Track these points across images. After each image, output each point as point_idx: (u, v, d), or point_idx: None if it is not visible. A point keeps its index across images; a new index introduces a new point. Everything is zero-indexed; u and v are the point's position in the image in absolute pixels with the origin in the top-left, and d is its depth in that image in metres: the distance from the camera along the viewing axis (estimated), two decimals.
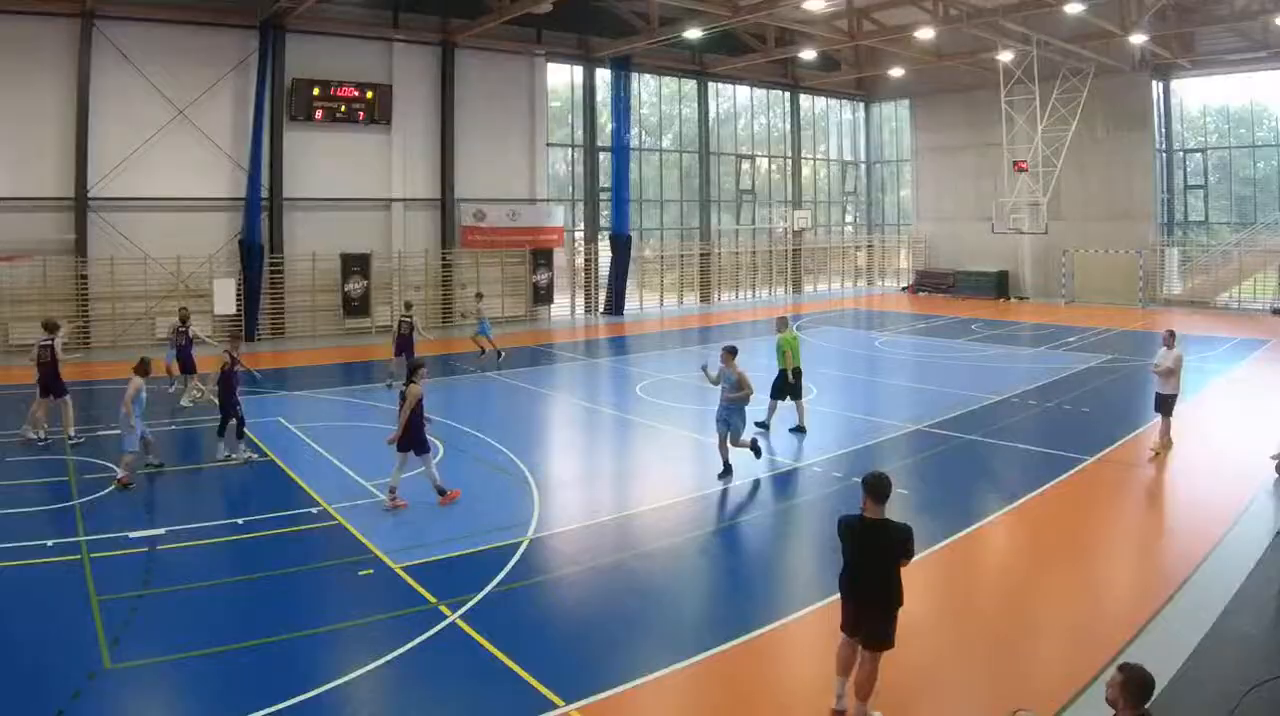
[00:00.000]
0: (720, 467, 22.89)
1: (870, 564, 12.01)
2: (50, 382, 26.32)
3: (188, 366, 31.48)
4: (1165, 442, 25.22)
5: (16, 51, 41.97)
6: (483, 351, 40.11)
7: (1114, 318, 55.88)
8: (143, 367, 22.39)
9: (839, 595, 12.48)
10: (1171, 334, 25.42)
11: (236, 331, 24.86)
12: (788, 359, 27.80)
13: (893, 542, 11.91)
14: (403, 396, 20.63)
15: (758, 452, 23.61)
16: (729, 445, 22.88)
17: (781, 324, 29.19)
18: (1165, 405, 25.17)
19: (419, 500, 20.87)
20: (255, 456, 24.55)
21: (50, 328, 27.39)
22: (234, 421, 24.10)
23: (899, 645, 12.13)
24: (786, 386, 27.96)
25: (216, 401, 24.60)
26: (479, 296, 42.34)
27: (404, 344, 35.22)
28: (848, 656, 12.28)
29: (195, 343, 32.06)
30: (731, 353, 23.09)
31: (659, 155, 67.54)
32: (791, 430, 27.89)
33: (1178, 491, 23.24)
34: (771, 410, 28.17)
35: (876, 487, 11.90)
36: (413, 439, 20.39)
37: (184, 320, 32.22)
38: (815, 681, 13.08)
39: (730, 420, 22.77)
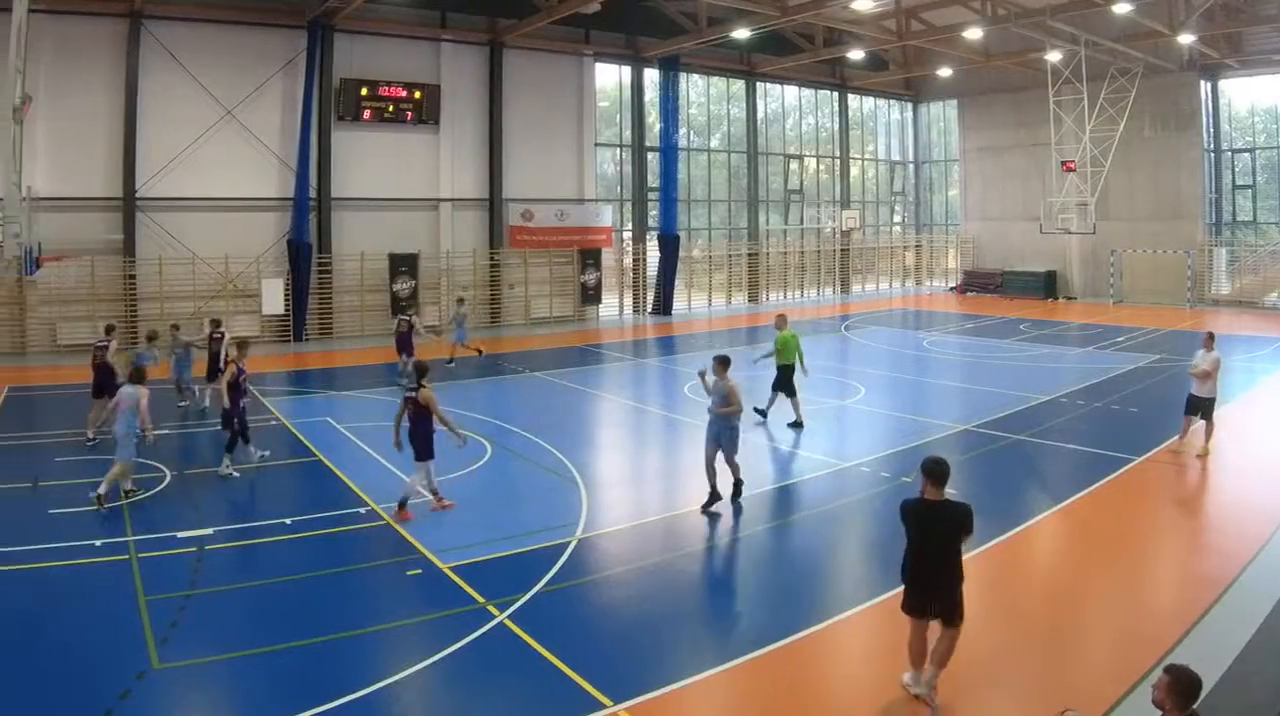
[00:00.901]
0: (706, 495, 19.99)
1: (934, 543, 12.16)
2: (104, 383, 25.77)
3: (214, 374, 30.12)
4: (1203, 447, 24.17)
5: (66, 51, 41.32)
6: (450, 358, 38.23)
7: (1162, 318, 54.57)
8: (139, 375, 21.29)
9: (903, 583, 12.41)
10: (1211, 337, 24.72)
11: (244, 339, 23.96)
12: (787, 355, 28.09)
13: (955, 520, 12.16)
14: (408, 400, 19.71)
15: (738, 487, 20.23)
16: (715, 467, 19.90)
17: (780, 322, 29.27)
18: (1202, 408, 24.33)
19: (468, 499, 20.58)
20: (265, 452, 23.83)
21: (108, 330, 27.72)
22: (234, 434, 22.96)
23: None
24: (786, 382, 28.14)
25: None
26: (460, 300, 40.89)
27: (403, 342, 34.83)
28: (919, 646, 12.35)
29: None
30: (724, 363, 20.40)
31: (707, 155, 66.25)
32: (791, 425, 27.82)
33: (1225, 491, 22.62)
34: (771, 401, 28.54)
35: (935, 471, 12.15)
36: (420, 443, 19.53)
37: (217, 325, 30.92)
38: (863, 682, 13.13)
39: (720, 437, 19.95)
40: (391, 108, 49.29)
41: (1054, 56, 55.98)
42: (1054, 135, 57.58)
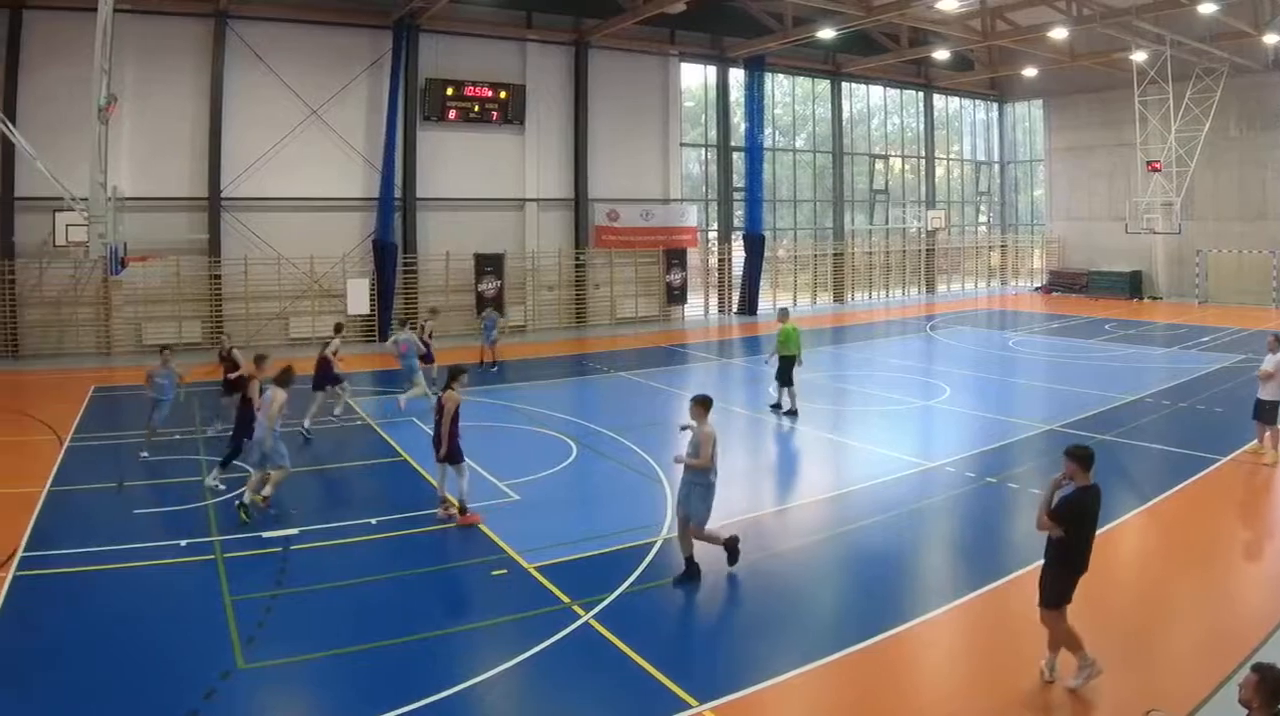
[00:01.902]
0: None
1: (1094, 527, 12.34)
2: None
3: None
4: (1273, 455, 23.16)
5: (152, 51, 40.44)
6: (481, 362, 36.60)
7: (1248, 318, 52.74)
8: (286, 376, 20.29)
9: (1068, 576, 12.15)
10: (1277, 338, 23.32)
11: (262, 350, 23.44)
12: (789, 347, 28.61)
13: (1100, 501, 12.33)
14: (440, 405, 18.85)
15: (733, 554, 16.04)
16: (690, 536, 15.91)
17: (783, 315, 29.85)
18: (1267, 412, 23.35)
19: (554, 499, 20.40)
20: (223, 487, 21.21)
21: (337, 329, 29.16)
22: (233, 449, 21.44)
23: (1034, 644, 12.64)
24: (785, 372, 28.58)
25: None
26: (495, 309, 38.91)
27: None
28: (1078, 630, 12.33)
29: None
30: (703, 405, 16.22)
31: (792, 155, 64.01)
32: (785, 412, 28.60)
33: None
34: (779, 393, 29.04)
35: (1087, 456, 11.99)
36: (449, 448, 18.63)
37: (338, 330, 29.89)
38: (949, 682, 12.90)
39: (689, 500, 15.86)
40: (477, 108, 47.97)
41: (1139, 56, 53.79)
42: (1139, 135, 55.31)
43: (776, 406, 29.19)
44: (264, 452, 19.35)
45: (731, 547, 16.04)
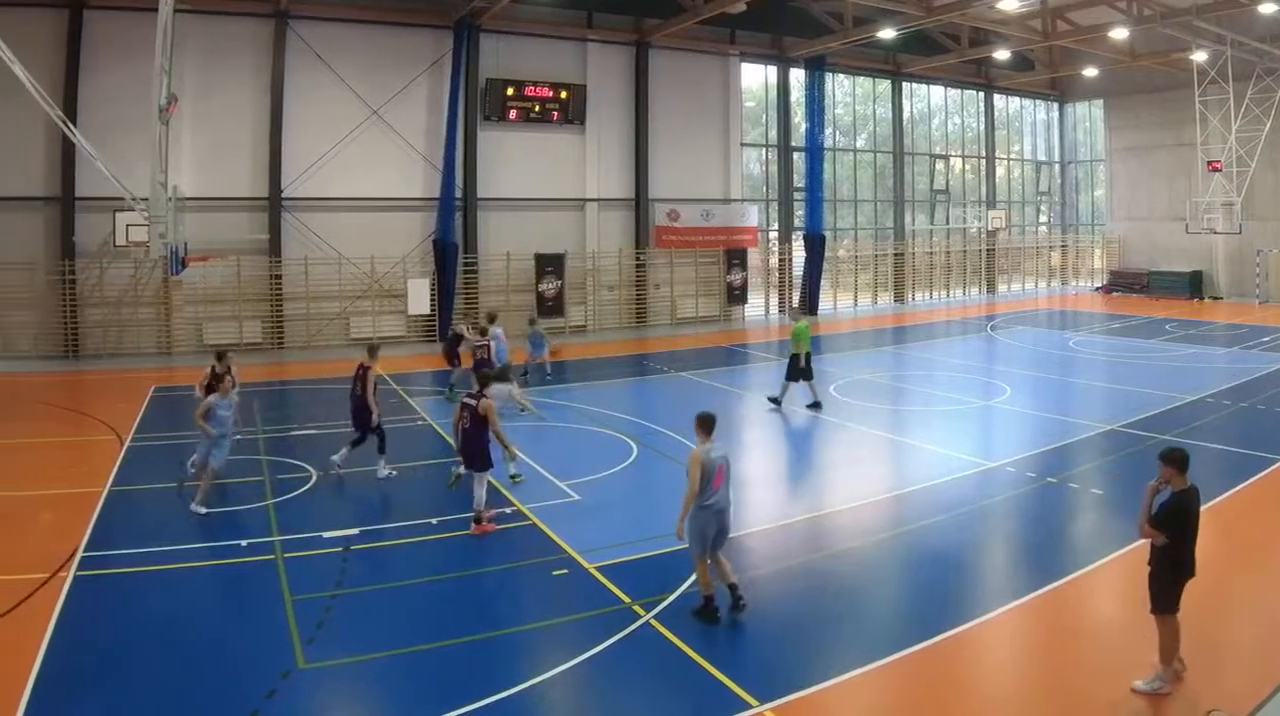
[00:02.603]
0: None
1: (1196, 530, 11.86)
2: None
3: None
4: None
5: (213, 51, 39.78)
6: (542, 367, 34.12)
7: None
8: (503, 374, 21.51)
9: (1174, 582, 11.78)
10: None
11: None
12: (800, 345, 28.67)
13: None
14: (466, 407, 18.09)
15: (706, 608, 13.73)
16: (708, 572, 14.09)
17: (795, 313, 31.33)
18: None
19: (614, 500, 19.98)
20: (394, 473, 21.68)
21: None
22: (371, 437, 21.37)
23: (1095, 645, 13.06)
24: (800, 369, 28.68)
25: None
26: (532, 321, 35.84)
27: (451, 354, 31.49)
28: (1178, 640, 11.91)
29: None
30: (700, 424, 14.30)
31: (853, 155, 62.69)
32: (809, 406, 28.57)
33: None
34: (784, 390, 29.08)
35: (1183, 459, 11.67)
36: (477, 454, 17.90)
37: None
38: (1010, 682, 12.63)
39: (704, 531, 13.84)
40: (537, 108, 46.92)
41: (1200, 56, 52.52)
42: (1199, 135, 54.47)
43: (776, 400, 29.20)
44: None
45: (707, 603, 13.79)
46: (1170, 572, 11.73)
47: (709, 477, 13.72)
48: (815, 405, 28.60)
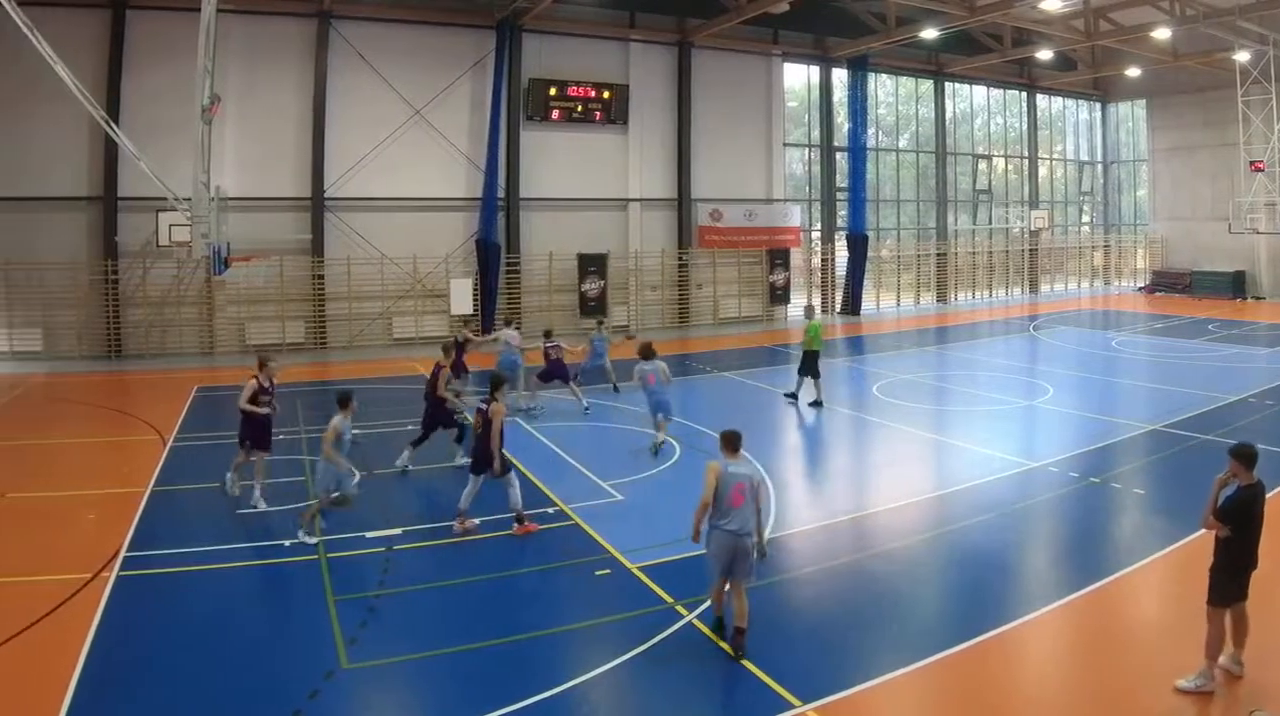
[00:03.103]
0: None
1: (1260, 524, 11.75)
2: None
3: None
4: None
5: (257, 51, 39.29)
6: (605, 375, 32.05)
7: None
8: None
9: (1232, 575, 11.66)
10: None
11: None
12: (812, 342, 28.90)
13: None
14: (479, 411, 17.54)
15: (736, 644, 12.50)
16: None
17: (809, 312, 30.80)
18: None
19: (657, 500, 19.53)
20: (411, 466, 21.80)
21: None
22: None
23: (1138, 645, 12.99)
24: (810, 366, 28.86)
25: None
26: (599, 323, 34.29)
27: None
28: (1222, 637, 11.74)
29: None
30: (727, 442, 13.23)
31: (895, 155, 61.17)
32: (810, 403, 28.84)
33: None
34: (799, 385, 29.38)
35: (1252, 454, 11.67)
36: (485, 458, 17.26)
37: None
38: (1053, 682, 12.19)
39: (719, 553, 12.77)
40: (580, 107, 46.14)
41: (1242, 56, 51.46)
42: (1242, 135, 53.05)
43: (793, 396, 29.45)
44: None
45: (717, 624, 12.99)
46: (1230, 566, 11.64)
47: (724, 493, 12.58)
48: (815, 403, 28.78)
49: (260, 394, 18.78)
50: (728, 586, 12.80)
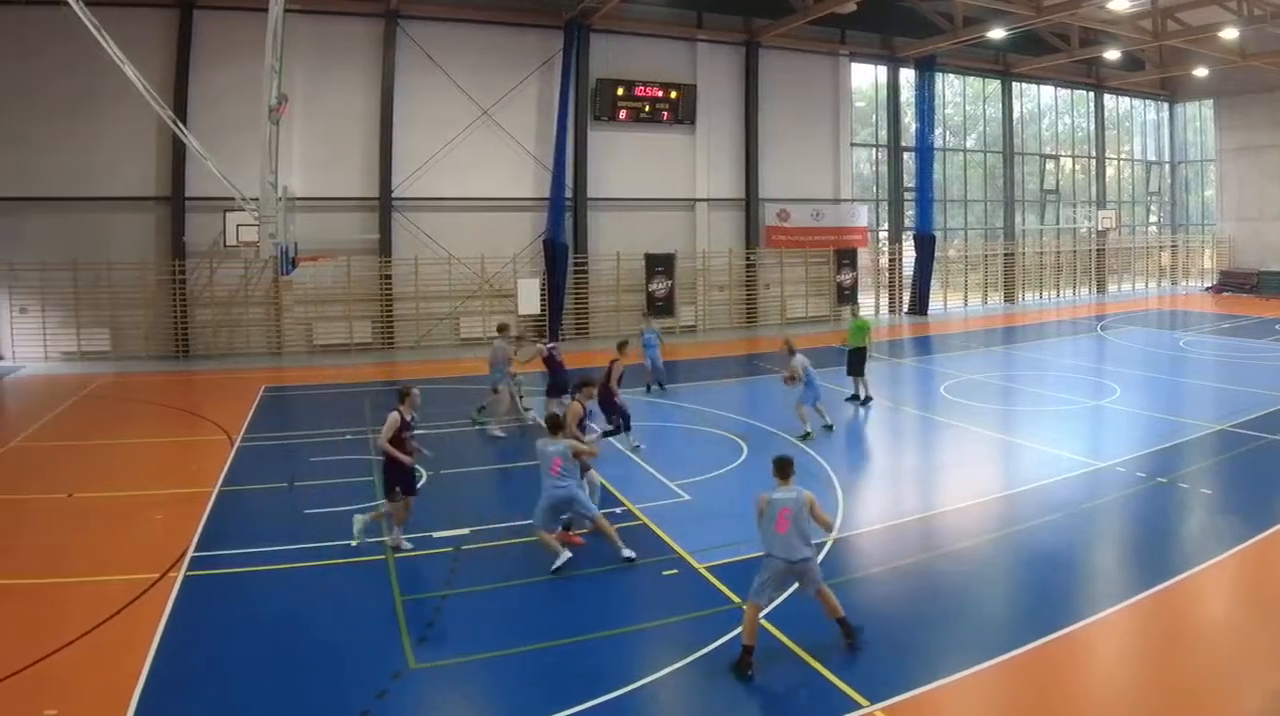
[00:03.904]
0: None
1: None
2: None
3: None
4: None
5: (324, 51, 38.40)
6: (655, 372, 31.14)
7: None
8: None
9: None
10: None
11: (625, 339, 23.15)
12: (858, 339, 28.92)
13: None
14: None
15: (744, 667, 11.79)
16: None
17: (854, 310, 30.77)
18: None
19: (724, 500, 18.96)
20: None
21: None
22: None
23: (1206, 645, 12.61)
24: (856, 363, 28.69)
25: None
26: (651, 319, 33.92)
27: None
28: None
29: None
30: (778, 468, 12.82)
31: (963, 155, 59.13)
32: (848, 398, 28.67)
33: None
34: (855, 385, 28.90)
35: None
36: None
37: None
38: (1121, 682, 11.86)
39: (768, 578, 12.29)
40: (647, 108, 44.71)
41: None
42: None
43: (855, 397, 28.71)
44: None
45: (744, 654, 11.86)
46: None
47: (768, 520, 12.36)
48: (854, 398, 28.55)
49: (403, 430, 16.46)
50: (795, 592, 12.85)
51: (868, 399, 28.10)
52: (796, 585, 12.69)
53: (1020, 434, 25.08)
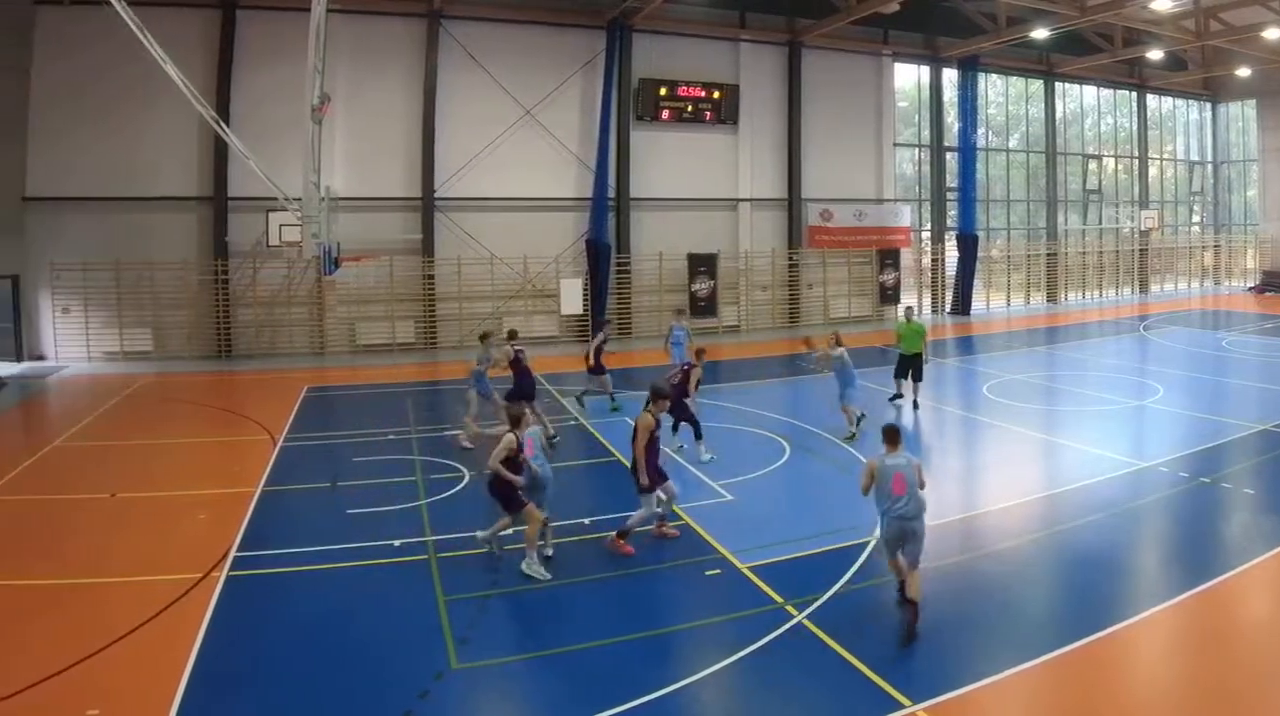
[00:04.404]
0: None
1: None
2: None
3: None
4: None
5: (367, 51, 37.86)
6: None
7: None
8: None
9: None
10: None
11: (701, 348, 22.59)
12: (911, 345, 27.37)
13: None
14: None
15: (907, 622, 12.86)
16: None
17: (908, 314, 28.53)
18: None
19: (766, 500, 18.95)
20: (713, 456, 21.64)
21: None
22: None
23: (1250, 646, 12.40)
24: (907, 368, 27.47)
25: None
26: (679, 312, 32.36)
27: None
28: None
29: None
30: (887, 435, 13.68)
31: (1005, 155, 57.78)
32: (892, 398, 27.80)
33: None
34: (898, 387, 27.85)
35: None
36: (649, 476, 16.00)
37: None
38: (1164, 682, 11.73)
39: (889, 538, 13.40)
40: (690, 108, 43.68)
41: None
42: None
43: (898, 396, 27.85)
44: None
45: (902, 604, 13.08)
46: None
47: (883, 484, 13.04)
48: (898, 397, 27.78)
49: (516, 454, 15.31)
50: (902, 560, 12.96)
51: (914, 405, 27.18)
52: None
53: (1063, 434, 24.70)
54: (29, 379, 32.64)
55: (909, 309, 28.49)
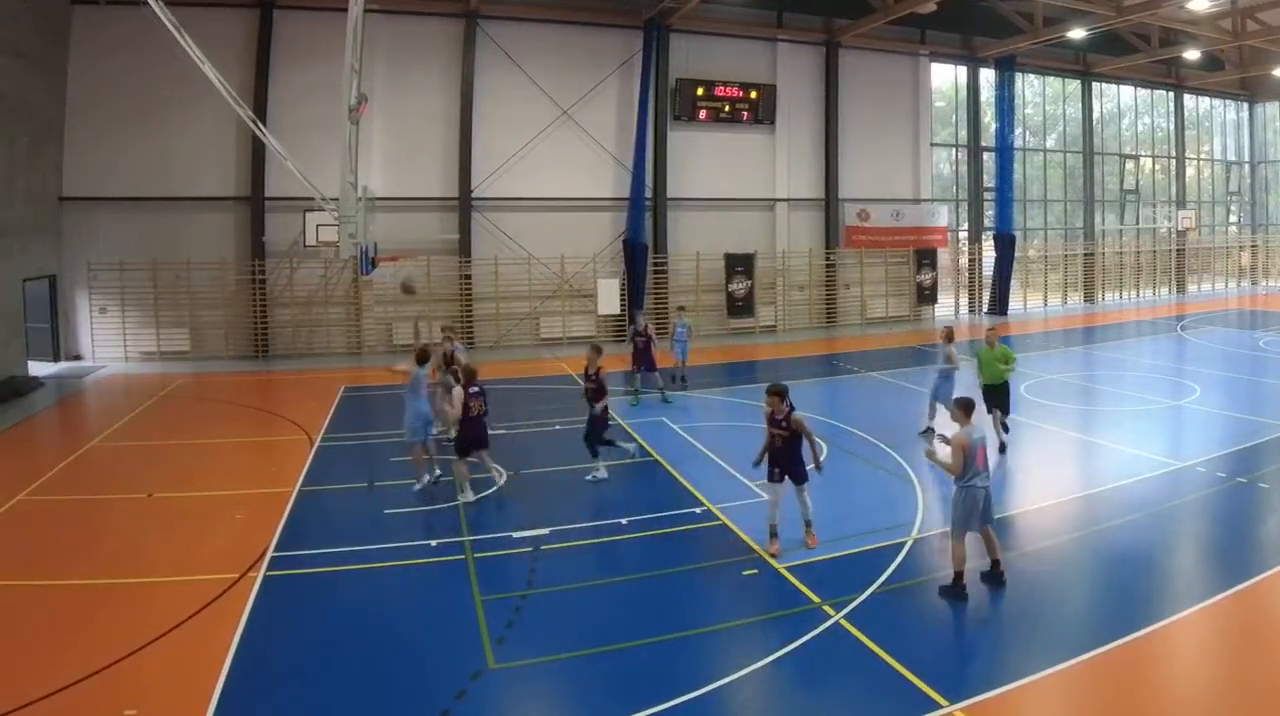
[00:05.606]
0: None
1: None
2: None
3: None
4: None
5: (404, 51, 36.95)
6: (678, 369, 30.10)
7: None
8: None
9: None
10: None
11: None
12: (995, 373, 22.51)
13: None
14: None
15: (960, 591, 13.73)
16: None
17: (989, 339, 23.15)
18: None
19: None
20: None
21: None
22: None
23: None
24: (992, 401, 22.52)
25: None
26: (681, 308, 32.94)
27: (642, 357, 28.46)
28: None
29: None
30: (965, 408, 14.16)
31: (1043, 155, 56.22)
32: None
33: None
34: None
35: None
36: (795, 467, 15.58)
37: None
38: (1201, 682, 11.40)
39: (971, 508, 13.67)
40: (727, 108, 42.54)
41: None
42: None
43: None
44: None
45: (957, 580, 13.58)
46: None
47: (972, 456, 13.26)
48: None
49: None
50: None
51: (1001, 447, 21.91)
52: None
53: (1100, 434, 24.22)
54: (66, 379, 31.80)
55: (991, 331, 23.69)
